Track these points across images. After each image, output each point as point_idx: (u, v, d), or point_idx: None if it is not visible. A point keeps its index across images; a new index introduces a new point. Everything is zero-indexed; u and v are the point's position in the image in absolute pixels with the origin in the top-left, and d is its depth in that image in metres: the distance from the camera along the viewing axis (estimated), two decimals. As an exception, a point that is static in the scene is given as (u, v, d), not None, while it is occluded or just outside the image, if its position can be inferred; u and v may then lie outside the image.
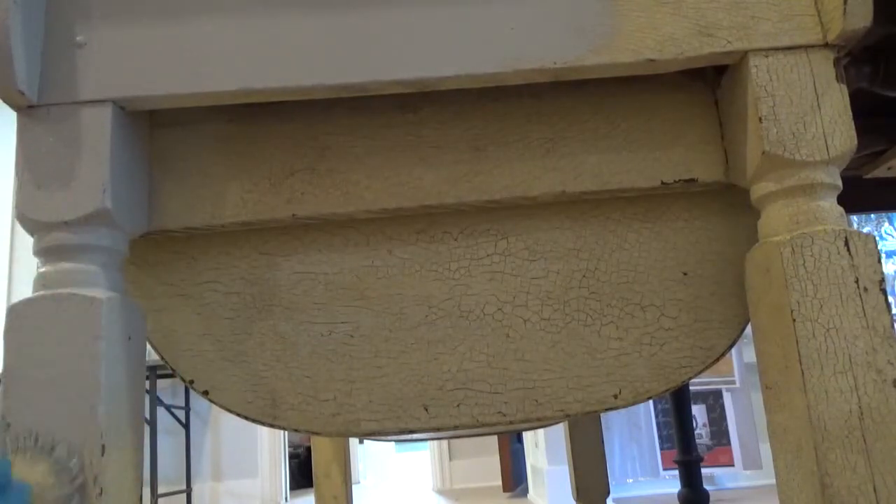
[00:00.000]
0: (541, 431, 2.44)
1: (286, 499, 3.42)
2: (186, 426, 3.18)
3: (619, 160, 0.56)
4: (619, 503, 2.48)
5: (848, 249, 0.48)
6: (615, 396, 0.56)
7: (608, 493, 1.50)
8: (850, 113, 0.50)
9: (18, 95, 0.48)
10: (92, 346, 0.46)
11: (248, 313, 0.57)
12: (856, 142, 0.50)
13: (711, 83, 0.57)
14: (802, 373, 0.46)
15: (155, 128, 0.57)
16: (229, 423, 3.33)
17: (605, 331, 0.56)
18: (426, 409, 0.55)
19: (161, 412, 2.89)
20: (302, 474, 3.91)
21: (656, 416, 2.60)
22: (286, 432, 2.94)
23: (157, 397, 2.82)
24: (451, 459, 3.72)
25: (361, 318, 0.57)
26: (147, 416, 2.73)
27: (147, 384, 2.67)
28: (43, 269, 0.49)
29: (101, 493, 0.46)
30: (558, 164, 0.56)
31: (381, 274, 0.57)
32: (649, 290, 0.57)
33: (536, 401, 0.55)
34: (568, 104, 0.57)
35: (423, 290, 0.57)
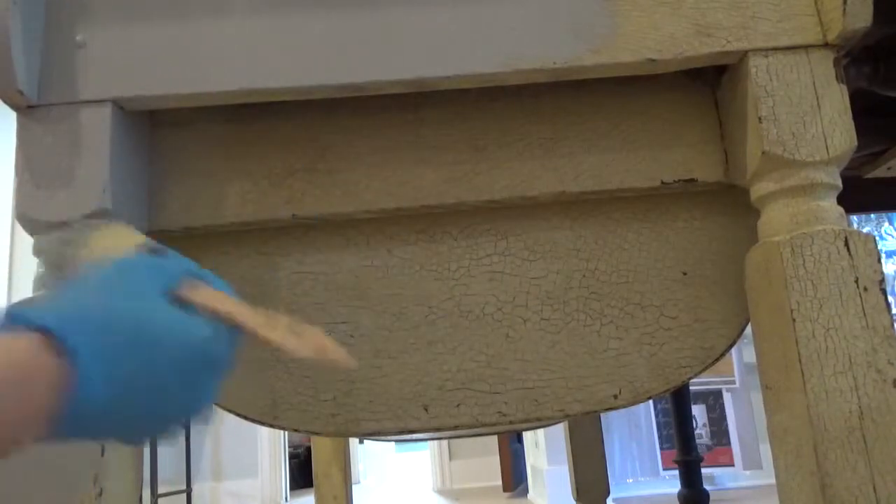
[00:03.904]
0: (541, 431, 2.44)
1: (286, 499, 3.41)
2: (186, 426, 3.19)
3: (618, 160, 0.56)
4: (619, 503, 2.48)
5: (848, 249, 0.48)
6: (615, 397, 0.55)
7: (608, 493, 1.50)
8: (850, 113, 0.50)
9: (18, 95, 0.48)
10: (92, 346, 0.46)
11: (247, 313, 0.57)
12: (856, 142, 0.50)
13: (711, 83, 0.57)
14: (802, 373, 0.46)
15: (155, 128, 0.57)
16: (229, 423, 3.32)
17: (605, 331, 0.56)
18: (426, 409, 0.55)
19: (161, 412, 2.89)
20: (302, 474, 3.90)
21: (656, 416, 2.60)
22: (286, 432, 2.93)
23: (158, 397, 2.82)
24: (451, 459, 3.71)
25: (361, 317, 0.57)
26: (147, 416, 2.72)
27: (147, 384, 2.65)
28: (43, 270, 0.49)
29: (101, 493, 0.46)
30: (558, 164, 0.56)
31: (381, 274, 0.57)
32: (649, 290, 0.57)
33: (536, 401, 0.55)
34: (568, 104, 0.57)
35: (423, 290, 0.57)
